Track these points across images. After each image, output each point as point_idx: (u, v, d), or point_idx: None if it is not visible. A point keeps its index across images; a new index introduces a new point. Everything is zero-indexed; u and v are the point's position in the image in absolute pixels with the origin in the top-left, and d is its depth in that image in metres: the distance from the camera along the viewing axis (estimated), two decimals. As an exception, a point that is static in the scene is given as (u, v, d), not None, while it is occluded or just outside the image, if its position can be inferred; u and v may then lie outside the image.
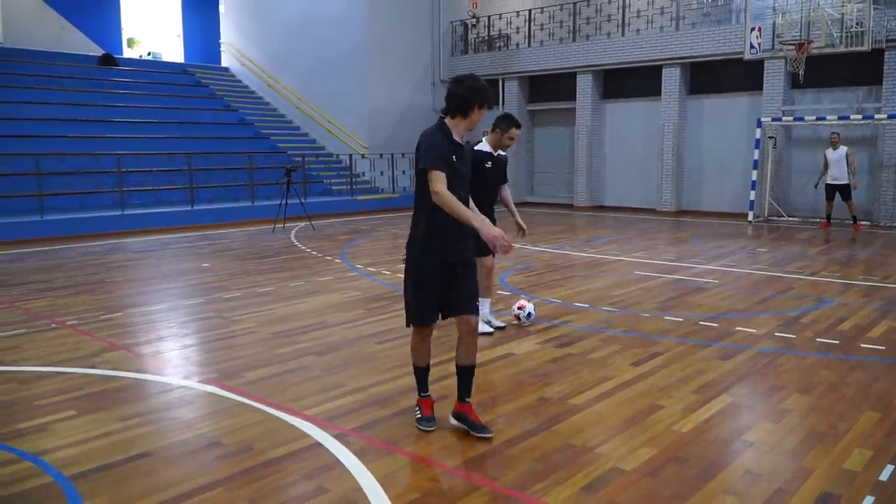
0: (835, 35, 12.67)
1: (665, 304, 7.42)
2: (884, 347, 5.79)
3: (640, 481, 3.46)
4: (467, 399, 4.03)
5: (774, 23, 13.57)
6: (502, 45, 21.59)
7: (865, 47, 12.57)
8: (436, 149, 3.73)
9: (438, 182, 3.66)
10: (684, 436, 4.01)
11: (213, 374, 5.14)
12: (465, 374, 4.00)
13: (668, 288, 8.27)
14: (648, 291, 8.07)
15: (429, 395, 4.17)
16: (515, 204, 6.44)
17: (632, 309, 7.19)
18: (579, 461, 3.67)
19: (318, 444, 3.89)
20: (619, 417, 4.28)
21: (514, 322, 6.47)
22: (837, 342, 5.93)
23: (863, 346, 5.84)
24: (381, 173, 19.82)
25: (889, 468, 3.60)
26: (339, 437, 3.98)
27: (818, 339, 6.01)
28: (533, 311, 6.50)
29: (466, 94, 3.77)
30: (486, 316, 6.24)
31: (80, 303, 7.58)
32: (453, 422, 4.06)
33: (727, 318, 6.77)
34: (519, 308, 6.49)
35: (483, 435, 3.92)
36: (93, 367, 5.35)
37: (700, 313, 6.97)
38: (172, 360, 5.54)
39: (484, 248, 5.09)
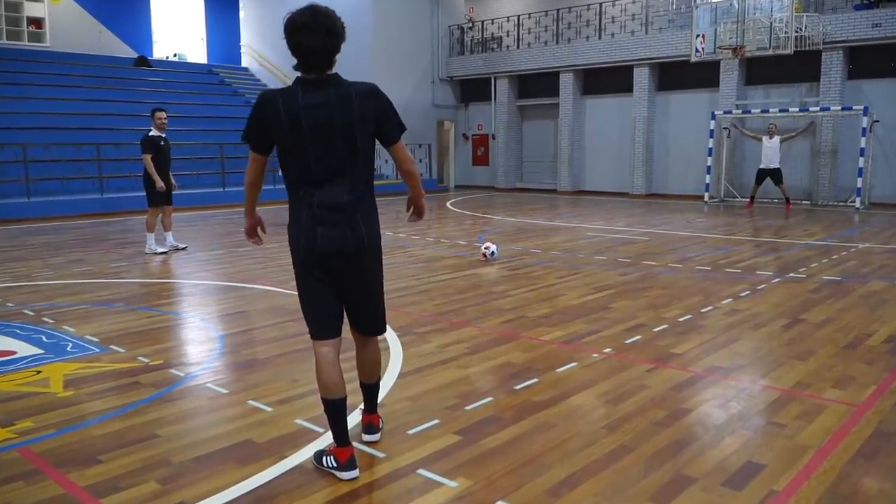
0: (765, 40, 15.07)
1: (599, 250, 9.89)
2: (740, 271, 8.24)
3: (555, 315, 5.94)
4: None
5: (716, 31, 15.99)
6: (495, 46, 24.04)
7: (789, 50, 15.00)
8: None
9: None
10: (575, 305, 6.47)
11: (274, 282, 7.65)
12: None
13: (606, 241, 10.74)
14: (590, 243, 10.55)
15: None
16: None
17: (572, 252, 9.66)
18: (522, 306, 6.15)
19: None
20: (538, 297, 6.77)
21: (482, 259, 8.93)
22: (709, 268, 8.39)
23: (726, 269, 8.29)
24: (386, 161, 22.25)
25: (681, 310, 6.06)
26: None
27: (696, 267, 8.47)
28: (496, 250, 8.97)
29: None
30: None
31: (200, 246, 10.11)
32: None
33: (639, 257, 9.23)
34: (485, 248, 8.96)
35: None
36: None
37: (622, 255, 9.43)
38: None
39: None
